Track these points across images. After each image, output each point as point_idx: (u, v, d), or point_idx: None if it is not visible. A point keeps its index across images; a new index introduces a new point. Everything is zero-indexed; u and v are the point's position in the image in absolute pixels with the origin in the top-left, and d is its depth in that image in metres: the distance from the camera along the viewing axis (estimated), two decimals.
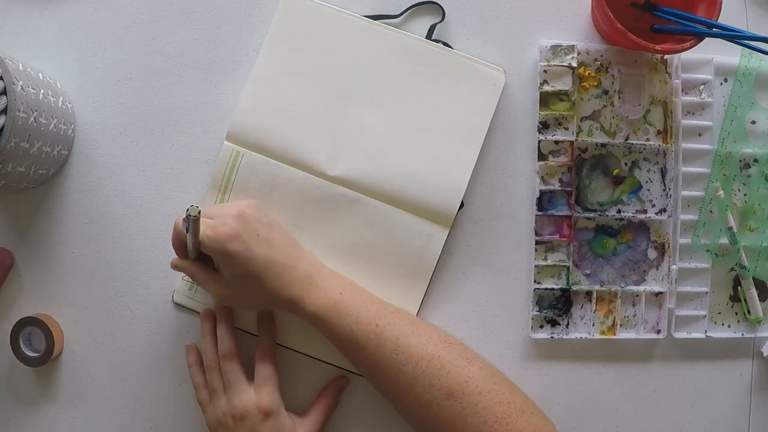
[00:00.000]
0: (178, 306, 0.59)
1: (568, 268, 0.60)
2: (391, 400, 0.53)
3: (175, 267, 0.54)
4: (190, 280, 0.58)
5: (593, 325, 0.60)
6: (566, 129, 0.60)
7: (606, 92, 0.60)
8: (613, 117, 0.60)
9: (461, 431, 0.50)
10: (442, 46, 0.59)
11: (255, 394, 0.53)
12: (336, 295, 0.53)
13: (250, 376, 0.55)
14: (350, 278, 0.56)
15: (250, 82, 0.58)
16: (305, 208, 0.58)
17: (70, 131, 0.58)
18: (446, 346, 0.52)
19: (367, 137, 0.58)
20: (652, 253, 0.61)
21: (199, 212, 0.45)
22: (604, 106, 0.60)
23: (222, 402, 0.54)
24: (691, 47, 0.54)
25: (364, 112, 0.58)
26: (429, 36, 0.59)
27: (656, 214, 0.61)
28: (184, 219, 0.46)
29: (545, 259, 0.60)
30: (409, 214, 0.58)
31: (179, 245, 0.53)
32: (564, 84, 0.60)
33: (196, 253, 0.52)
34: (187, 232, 0.48)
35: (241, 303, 0.55)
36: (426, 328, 0.54)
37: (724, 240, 0.61)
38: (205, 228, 0.50)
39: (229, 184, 0.58)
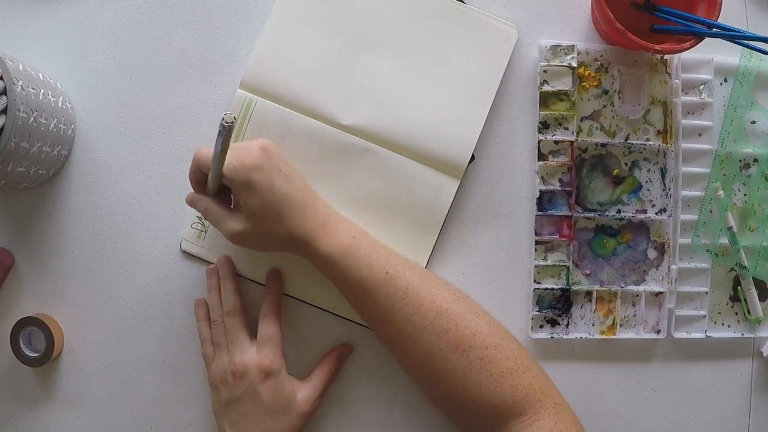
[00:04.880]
0: (186, 255, 0.59)
1: (568, 268, 0.60)
2: (396, 350, 0.53)
3: (190, 201, 0.54)
4: (199, 227, 0.58)
5: (593, 325, 0.60)
6: (566, 129, 0.60)
7: (606, 92, 0.60)
8: (613, 117, 0.60)
9: (466, 384, 0.50)
10: (456, 0, 0.59)
11: (256, 353, 0.54)
12: (349, 238, 0.53)
13: (254, 332, 0.55)
14: (361, 227, 0.56)
15: (264, 31, 0.58)
16: (317, 156, 0.58)
17: (70, 131, 0.58)
18: (455, 299, 0.52)
19: (379, 87, 0.59)
20: (652, 253, 0.61)
21: (235, 119, 0.44)
22: (604, 106, 0.60)
23: (224, 358, 0.54)
24: (691, 47, 0.54)
25: (377, 63, 0.59)
26: None
27: (656, 214, 0.61)
28: (220, 129, 0.45)
29: (545, 259, 0.60)
30: (420, 165, 0.58)
31: (198, 179, 0.53)
32: (564, 84, 0.60)
33: (216, 184, 0.52)
34: (218, 151, 0.47)
35: (254, 241, 0.53)
36: (435, 281, 0.53)
37: (724, 240, 0.61)
38: (230, 158, 0.50)
39: (241, 131, 0.58)
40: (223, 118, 0.44)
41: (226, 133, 0.46)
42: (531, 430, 0.49)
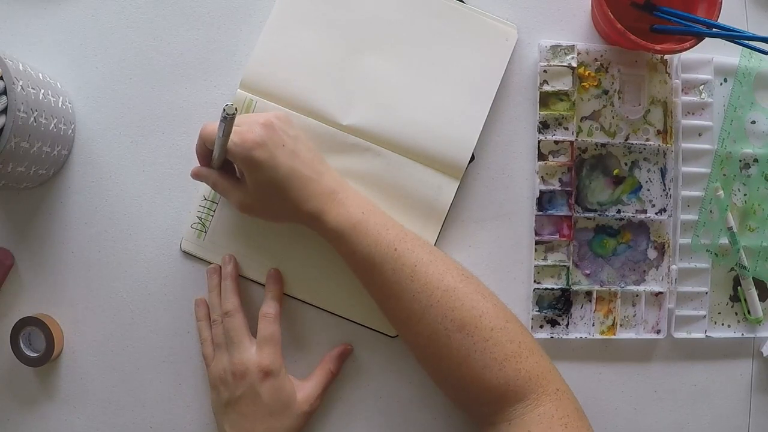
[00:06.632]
0: (186, 254, 0.58)
1: (568, 268, 0.60)
2: (401, 327, 0.53)
3: (196, 175, 0.55)
4: (199, 227, 0.58)
5: (593, 325, 0.60)
6: (566, 129, 0.60)
7: (606, 92, 0.60)
8: (613, 117, 0.60)
9: (469, 365, 0.50)
10: (456, 0, 0.59)
11: (256, 353, 0.54)
12: (358, 213, 0.53)
13: (254, 332, 0.56)
14: (372, 201, 0.56)
15: (264, 31, 0.58)
16: None
17: (70, 131, 0.58)
18: (463, 279, 0.52)
19: (379, 88, 0.59)
20: (652, 253, 0.61)
21: (236, 110, 0.45)
22: (604, 106, 0.60)
23: (224, 358, 0.54)
24: (691, 47, 0.54)
25: (377, 63, 0.59)
26: None
27: (656, 214, 0.61)
28: (221, 119, 0.46)
29: (545, 259, 0.60)
30: (420, 165, 0.58)
31: (204, 153, 0.54)
32: (564, 84, 0.60)
33: (221, 160, 0.52)
34: (221, 135, 0.48)
35: (263, 212, 0.54)
36: (444, 259, 0.53)
37: (724, 240, 0.61)
38: (232, 134, 0.50)
39: None
40: (224, 110, 0.45)
41: (227, 123, 0.46)
42: (532, 416, 0.49)
